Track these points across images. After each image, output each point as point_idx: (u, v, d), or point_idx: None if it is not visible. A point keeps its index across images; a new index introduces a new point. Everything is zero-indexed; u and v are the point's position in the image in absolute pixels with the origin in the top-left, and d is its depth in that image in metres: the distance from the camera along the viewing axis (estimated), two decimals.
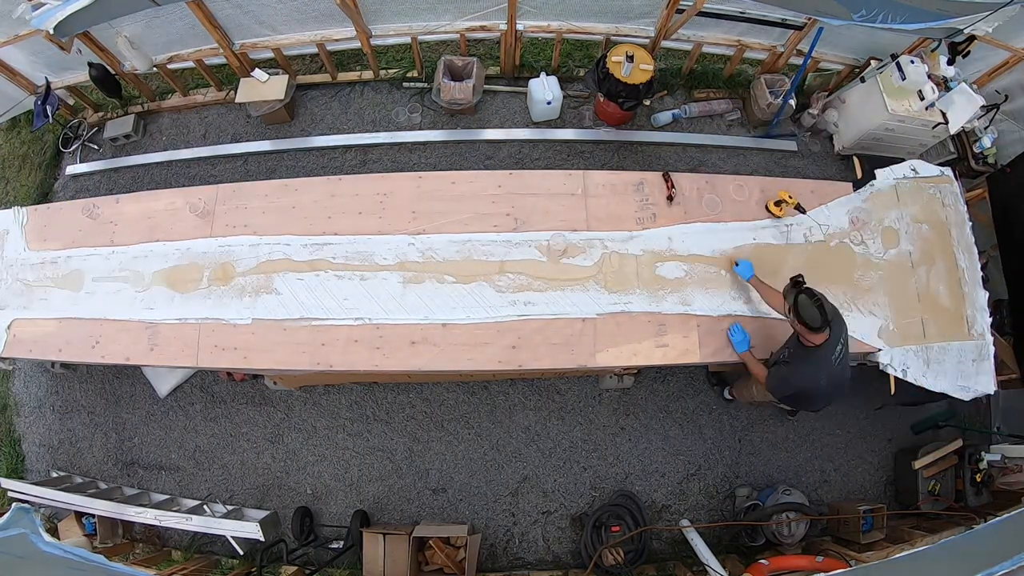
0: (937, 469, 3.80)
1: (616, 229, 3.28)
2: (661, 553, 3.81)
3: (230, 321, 3.17)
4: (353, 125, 4.68)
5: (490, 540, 3.83)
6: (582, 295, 3.15)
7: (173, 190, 3.57)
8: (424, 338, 3.07)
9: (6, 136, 5.11)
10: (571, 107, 4.69)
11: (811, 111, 4.57)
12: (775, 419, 4.10)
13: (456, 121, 4.65)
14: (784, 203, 3.30)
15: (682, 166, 4.56)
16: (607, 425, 4.03)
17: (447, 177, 3.38)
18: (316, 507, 3.92)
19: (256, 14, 4.15)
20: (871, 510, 3.62)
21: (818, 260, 3.34)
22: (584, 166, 4.50)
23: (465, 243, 3.23)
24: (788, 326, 2.83)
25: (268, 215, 3.34)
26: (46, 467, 4.18)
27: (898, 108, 4.05)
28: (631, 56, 4.01)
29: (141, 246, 3.38)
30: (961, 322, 3.37)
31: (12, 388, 4.41)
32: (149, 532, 3.92)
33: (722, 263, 3.27)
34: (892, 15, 3.51)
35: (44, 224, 3.59)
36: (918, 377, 3.23)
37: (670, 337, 3.12)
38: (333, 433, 4.03)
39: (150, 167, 4.70)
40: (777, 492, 3.74)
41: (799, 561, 3.20)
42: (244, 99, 4.44)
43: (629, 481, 3.94)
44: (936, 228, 3.51)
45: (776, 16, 4.10)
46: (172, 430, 4.11)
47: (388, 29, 4.35)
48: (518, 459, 3.97)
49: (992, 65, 4.28)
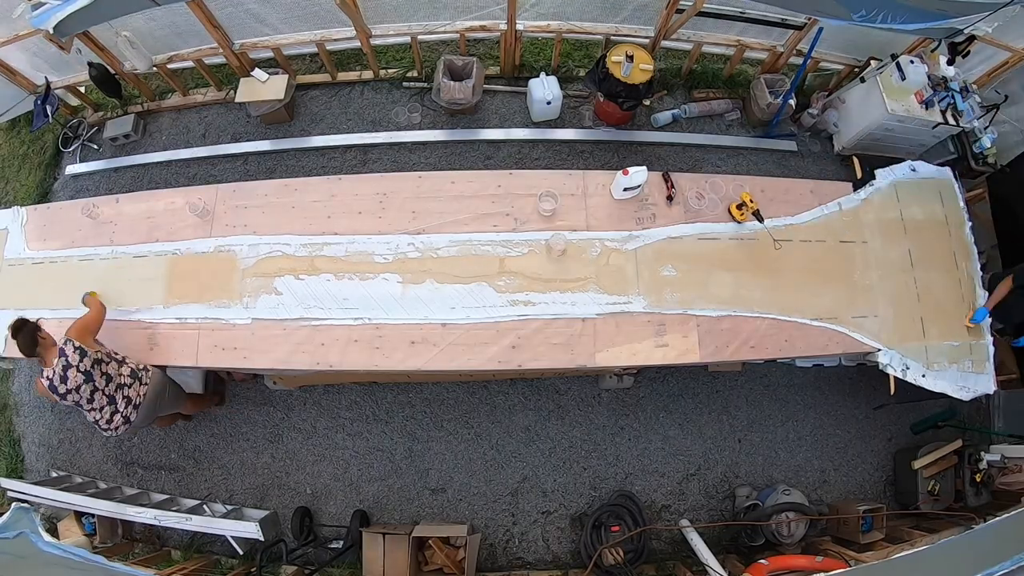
0: (937, 469, 3.80)
1: (616, 229, 3.28)
2: (661, 553, 3.81)
3: (230, 321, 3.17)
4: (353, 125, 4.68)
5: (490, 540, 3.83)
6: (582, 295, 3.15)
7: (173, 190, 3.57)
8: (424, 338, 3.07)
9: (6, 136, 5.11)
10: (571, 107, 4.69)
11: (811, 111, 4.57)
12: (775, 419, 4.10)
13: (456, 121, 4.65)
14: (745, 206, 3.30)
15: (682, 166, 4.57)
16: (607, 425, 4.03)
17: (447, 177, 3.38)
18: (316, 507, 3.92)
19: (256, 13, 4.15)
20: (871, 510, 3.62)
21: (818, 260, 3.34)
22: (584, 166, 4.50)
23: (465, 243, 3.23)
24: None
25: (268, 215, 3.34)
26: (46, 467, 4.18)
27: (898, 108, 4.05)
28: (631, 56, 4.01)
29: (141, 246, 3.38)
30: (961, 322, 3.38)
31: (12, 388, 4.41)
32: (149, 532, 3.92)
33: (722, 263, 3.28)
34: (892, 15, 3.51)
35: (44, 224, 3.59)
36: (918, 377, 3.24)
37: (670, 337, 3.12)
38: (333, 433, 4.03)
39: (150, 167, 4.70)
40: (777, 492, 3.74)
41: (799, 561, 3.20)
42: (244, 99, 4.44)
43: (629, 481, 3.94)
44: (936, 228, 3.51)
45: (776, 16, 4.10)
46: (172, 430, 4.10)
47: (388, 29, 4.35)
48: (518, 459, 3.97)
49: (992, 65, 4.28)
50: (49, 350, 2.93)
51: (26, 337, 2.90)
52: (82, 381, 2.90)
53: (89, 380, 2.92)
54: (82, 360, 2.89)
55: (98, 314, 3.13)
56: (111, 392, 2.99)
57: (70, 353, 2.88)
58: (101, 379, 2.96)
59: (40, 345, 2.92)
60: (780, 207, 3.40)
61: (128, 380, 3.06)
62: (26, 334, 2.90)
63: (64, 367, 2.87)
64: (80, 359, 2.89)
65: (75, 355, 2.88)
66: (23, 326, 2.93)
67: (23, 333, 2.91)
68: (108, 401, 3.00)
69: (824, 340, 3.22)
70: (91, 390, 2.94)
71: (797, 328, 3.21)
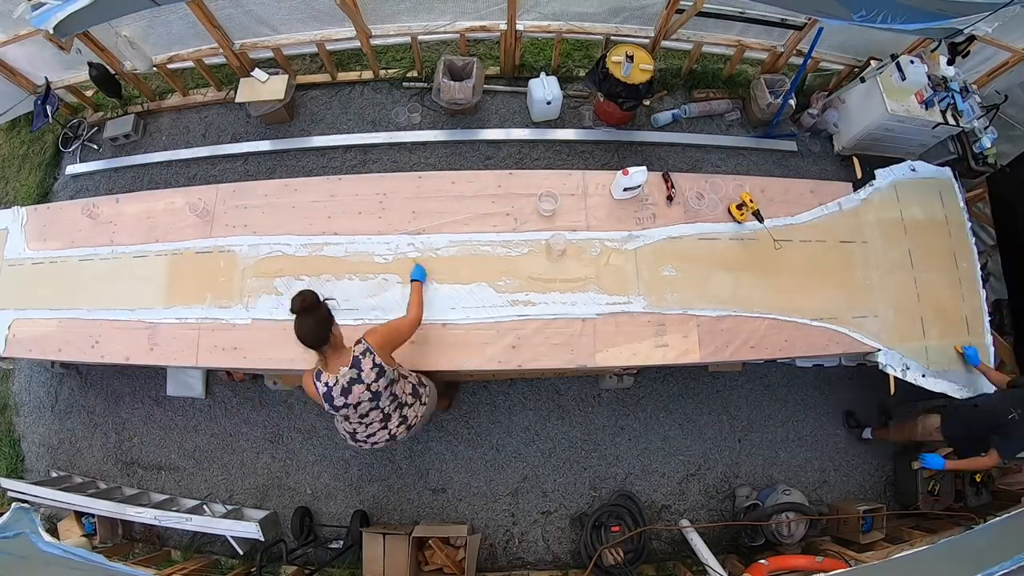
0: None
1: (616, 229, 3.28)
2: (661, 553, 3.81)
3: (230, 321, 3.17)
4: (353, 125, 4.68)
5: (490, 540, 3.83)
6: (582, 295, 3.15)
7: (173, 190, 3.57)
8: (423, 338, 3.06)
9: (6, 136, 5.11)
10: (571, 107, 4.69)
11: (811, 111, 4.57)
12: (775, 419, 4.10)
13: (456, 121, 4.65)
14: (745, 206, 3.30)
15: (682, 166, 4.57)
16: (607, 425, 4.03)
17: (447, 177, 3.38)
18: (316, 507, 3.92)
19: (256, 13, 4.15)
20: (871, 510, 3.62)
21: (818, 260, 3.35)
22: (584, 166, 4.50)
23: (465, 243, 3.23)
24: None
25: (268, 215, 3.34)
26: (46, 467, 4.18)
27: (898, 108, 4.06)
28: (631, 56, 4.01)
29: (141, 246, 3.38)
30: (961, 322, 3.38)
31: (12, 388, 4.41)
32: (149, 532, 3.92)
33: (722, 263, 3.28)
34: (892, 15, 3.51)
35: (44, 224, 3.59)
36: (918, 377, 3.24)
37: (670, 337, 3.12)
38: (333, 433, 4.01)
39: (150, 167, 4.70)
40: (777, 492, 3.74)
41: (799, 561, 3.20)
42: (244, 99, 4.44)
43: (629, 481, 3.94)
44: (936, 228, 3.51)
45: (776, 16, 4.10)
46: (172, 430, 4.10)
47: (388, 29, 4.35)
48: (518, 459, 3.97)
49: (992, 65, 4.28)
50: (338, 351, 2.36)
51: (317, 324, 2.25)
52: (367, 399, 2.39)
53: (375, 400, 2.41)
54: (377, 380, 2.36)
55: (418, 316, 2.60)
56: (390, 411, 2.52)
57: (366, 368, 2.34)
58: (387, 398, 2.46)
59: (329, 343, 2.32)
60: (780, 207, 3.40)
61: (409, 399, 2.58)
62: (319, 320, 2.26)
63: (351, 380, 2.34)
64: (376, 378, 2.35)
65: (371, 372, 2.34)
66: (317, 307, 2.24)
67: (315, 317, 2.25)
68: (382, 419, 2.51)
69: (824, 340, 3.22)
70: (370, 408, 2.44)
71: (797, 328, 3.21)
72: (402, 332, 2.56)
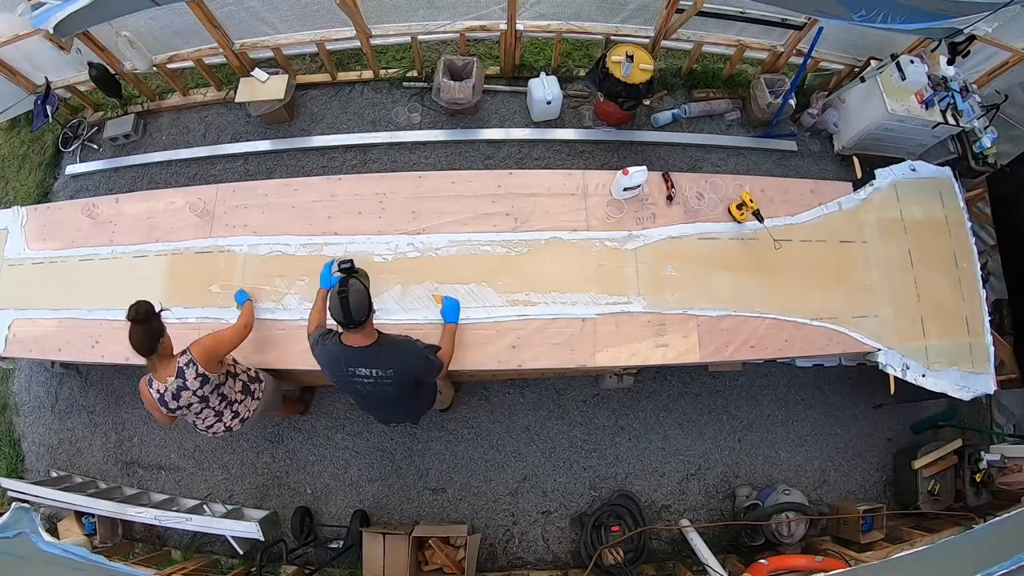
0: (937, 469, 3.79)
1: (615, 229, 3.28)
2: (661, 553, 3.81)
3: (230, 321, 3.17)
4: (353, 125, 4.68)
5: (490, 540, 3.83)
6: (582, 295, 3.15)
7: (173, 190, 3.57)
8: (423, 338, 3.06)
9: (6, 136, 5.12)
10: (571, 107, 4.69)
11: (811, 111, 4.57)
12: (775, 419, 4.10)
13: (456, 121, 4.65)
14: (745, 206, 3.30)
15: (682, 166, 4.57)
16: (607, 425, 4.03)
17: (447, 177, 3.38)
18: (316, 507, 3.92)
19: (256, 12, 4.15)
20: (871, 510, 3.62)
21: (818, 260, 3.35)
22: (584, 166, 4.50)
23: (465, 243, 3.23)
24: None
25: (268, 215, 3.34)
26: (46, 467, 4.18)
27: (898, 108, 4.06)
28: (631, 56, 4.01)
29: (141, 246, 3.38)
30: (961, 322, 3.38)
31: (12, 388, 4.41)
32: (149, 532, 3.92)
33: (722, 263, 3.28)
34: (892, 15, 3.51)
35: (44, 224, 3.59)
36: (918, 377, 3.23)
37: (670, 337, 3.12)
38: (333, 433, 4.03)
39: (150, 167, 4.70)
40: (777, 492, 3.74)
41: (799, 561, 3.20)
42: (244, 99, 4.44)
43: (629, 481, 3.94)
44: (936, 228, 3.51)
45: (776, 16, 4.10)
46: (172, 430, 4.10)
47: (388, 29, 4.35)
48: (518, 459, 3.97)
49: (992, 65, 4.28)
50: (165, 360, 2.53)
51: (146, 335, 2.43)
52: (196, 401, 2.61)
53: (204, 402, 2.64)
54: (202, 387, 2.56)
55: (240, 332, 2.74)
56: (221, 408, 2.76)
57: (190, 379, 2.52)
58: (215, 398, 2.69)
59: (157, 352, 2.49)
60: (780, 207, 3.40)
61: (240, 396, 2.81)
62: (149, 331, 2.44)
63: (179, 388, 2.53)
64: (200, 386, 2.55)
65: (195, 381, 2.53)
66: (149, 319, 2.42)
67: (145, 328, 2.42)
68: (215, 414, 2.77)
69: (824, 340, 3.22)
70: (202, 408, 2.69)
71: (797, 328, 3.21)
72: (224, 344, 2.69)
